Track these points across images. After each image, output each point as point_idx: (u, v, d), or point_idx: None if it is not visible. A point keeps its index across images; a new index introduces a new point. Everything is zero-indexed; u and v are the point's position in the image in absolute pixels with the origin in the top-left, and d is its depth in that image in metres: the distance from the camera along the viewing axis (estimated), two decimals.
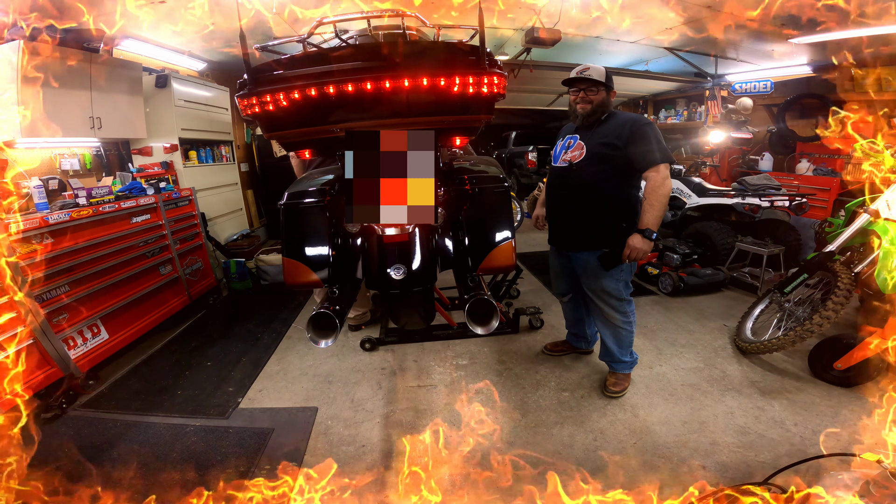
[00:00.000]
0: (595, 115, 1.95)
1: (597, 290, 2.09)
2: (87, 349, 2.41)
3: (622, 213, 1.99)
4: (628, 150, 1.88)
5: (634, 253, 1.89)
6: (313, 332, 1.14)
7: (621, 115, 1.98)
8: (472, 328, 1.15)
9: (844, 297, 2.17)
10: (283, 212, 1.25)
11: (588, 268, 2.07)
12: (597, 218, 2.00)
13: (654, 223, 1.88)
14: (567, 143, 2.06)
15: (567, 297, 2.38)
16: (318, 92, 1.06)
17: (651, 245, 1.90)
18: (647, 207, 1.89)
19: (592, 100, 1.93)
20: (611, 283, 2.05)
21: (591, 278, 2.08)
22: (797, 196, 3.70)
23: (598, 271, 2.03)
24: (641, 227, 1.89)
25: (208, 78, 4.51)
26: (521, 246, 5.36)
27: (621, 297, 2.07)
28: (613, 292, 2.06)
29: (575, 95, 1.98)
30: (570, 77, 1.96)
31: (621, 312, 2.10)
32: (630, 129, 1.88)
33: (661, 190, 1.86)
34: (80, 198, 2.61)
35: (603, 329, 2.20)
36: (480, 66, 1.10)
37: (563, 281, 2.33)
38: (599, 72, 1.92)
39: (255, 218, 5.40)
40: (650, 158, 1.86)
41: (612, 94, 1.99)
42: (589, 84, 1.93)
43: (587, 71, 1.92)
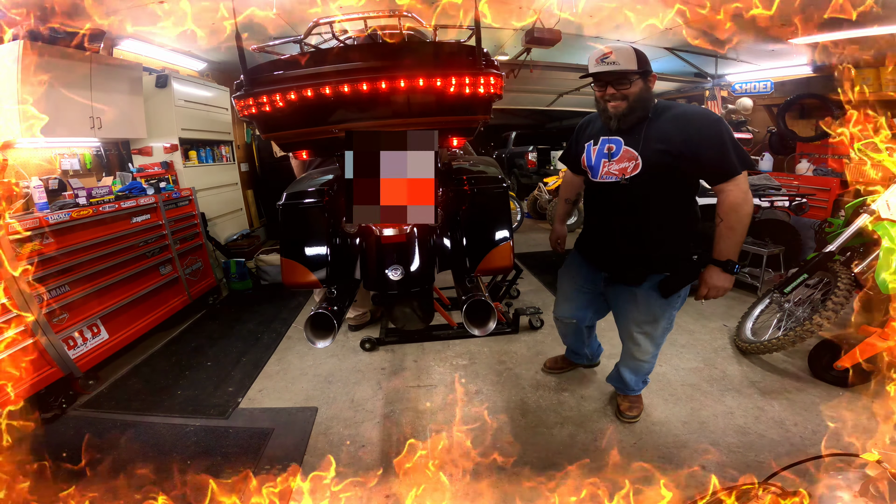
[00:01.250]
0: (635, 112, 1.49)
1: (644, 322, 1.73)
2: (87, 349, 2.41)
3: (690, 234, 1.64)
4: (700, 157, 1.44)
5: (714, 292, 1.53)
6: (311, 332, 1.14)
7: (676, 107, 1.52)
8: (470, 329, 1.15)
9: (844, 297, 2.17)
10: (281, 212, 1.25)
11: (638, 298, 1.69)
12: (660, 242, 1.60)
13: (736, 251, 1.49)
14: (606, 148, 1.59)
15: (572, 321, 2.03)
16: (314, 92, 1.06)
17: (733, 281, 1.52)
18: (725, 232, 1.48)
19: (627, 94, 1.47)
20: (664, 313, 1.70)
21: (641, 310, 1.71)
22: (797, 196, 3.70)
23: (652, 300, 1.66)
24: (720, 257, 1.50)
25: (208, 78, 4.52)
26: (521, 246, 5.36)
27: (668, 326, 1.76)
28: (663, 323, 1.72)
29: (601, 91, 1.51)
30: (594, 71, 1.48)
31: (658, 346, 1.81)
32: (697, 129, 1.43)
33: (744, 208, 1.44)
34: (80, 198, 2.61)
35: (626, 360, 1.93)
36: (477, 67, 1.10)
37: (576, 304, 1.96)
38: (627, 56, 1.43)
39: (255, 218, 5.41)
40: (728, 167, 1.42)
41: (652, 80, 1.50)
42: (619, 76, 1.45)
43: (609, 58, 1.43)
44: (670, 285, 1.62)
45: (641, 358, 1.85)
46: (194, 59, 4.19)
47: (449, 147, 1.28)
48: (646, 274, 1.64)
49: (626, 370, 1.96)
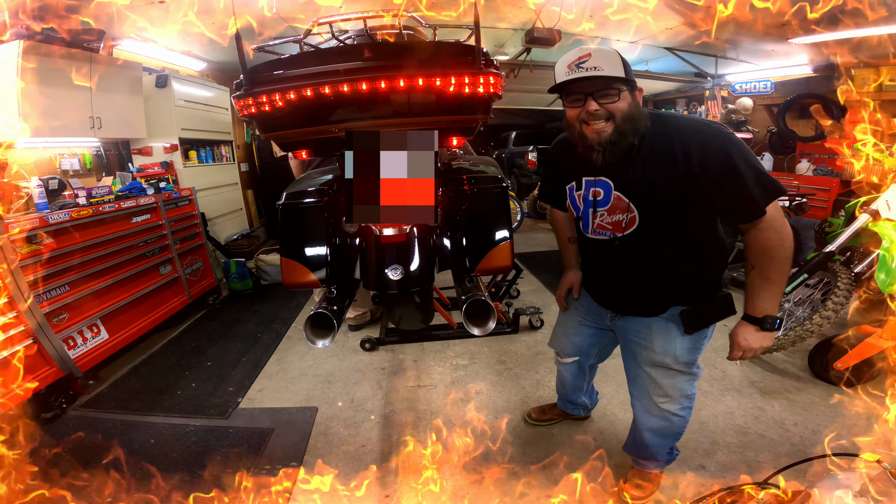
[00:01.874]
0: (625, 137, 1.13)
1: (661, 362, 1.35)
2: (87, 349, 2.41)
3: (718, 265, 1.34)
4: (711, 195, 1.14)
5: (749, 354, 1.24)
6: (311, 332, 1.14)
7: (669, 124, 1.17)
8: (469, 329, 1.14)
9: (844, 297, 2.17)
10: (281, 212, 1.25)
11: (652, 332, 1.34)
12: (675, 283, 1.30)
13: (775, 305, 1.17)
14: (591, 194, 1.27)
15: (573, 360, 1.71)
16: (313, 92, 1.06)
17: (772, 339, 1.22)
18: (758, 283, 1.17)
19: (613, 112, 1.11)
20: (685, 351, 1.33)
21: (656, 347, 1.34)
22: (797, 196, 3.70)
23: (671, 335, 1.32)
24: (755, 314, 1.19)
25: (208, 78, 4.52)
26: (521, 246, 5.36)
27: (693, 371, 1.38)
28: (685, 366, 1.35)
29: (577, 109, 1.15)
30: (567, 79, 1.12)
31: (685, 395, 1.40)
32: (701, 156, 1.10)
33: (780, 251, 1.13)
34: (80, 198, 2.61)
35: (644, 416, 1.48)
36: (476, 66, 1.10)
37: (579, 340, 1.62)
38: (612, 59, 1.10)
39: (255, 218, 5.41)
40: (750, 205, 1.10)
41: (639, 93, 1.17)
42: (603, 86, 1.10)
43: (587, 61, 1.09)
44: (696, 319, 1.28)
45: (667, 409, 1.40)
46: (194, 59, 4.19)
47: (449, 147, 1.28)
48: (665, 305, 1.31)
49: (649, 433, 1.48)
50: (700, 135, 1.13)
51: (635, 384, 1.48)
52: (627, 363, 1.49)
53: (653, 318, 1.34)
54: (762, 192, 1.10)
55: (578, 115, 1.15)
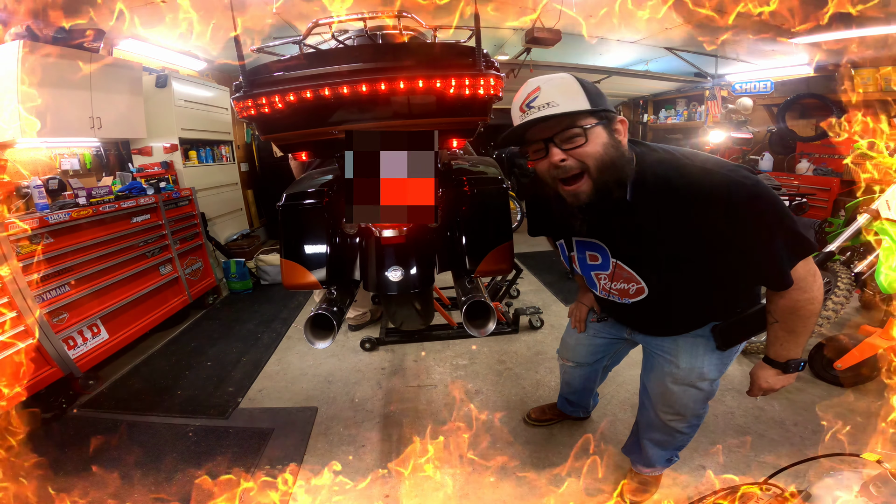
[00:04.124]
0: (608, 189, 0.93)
1: (684, 379, 1.25)
2: (87, 349, 2.41)
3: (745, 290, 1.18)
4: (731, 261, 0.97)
5: (770, 392, 1.16)
6: (311, 333, 1.14)
7: (669, 167, 0.97)
8: (469, 330, 1.14)
9: (844, 297, 2.17)
10: (281, 213, 1.25)
11: (678, 347, 1.24)
12: (702, 313, 1.19)
13: (799, 350, 1.09)
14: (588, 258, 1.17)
15: (582, 367, 1.65)
16: (313, 94, 1.06)
17: (794, 378, 1.14)
18: (783, 336, 1.07)
19: (585, 160, 0.90)
20: (713, 368, 1.23)
21: (681, 363, 1.24)
22: (797, 196, 3.69)
23: (699, 350, 1.22)
24: (779, 359, 1.10)
25: (208, 78, 4.52)
26: (521, 246, 5.35)
27: (711, 389, 1.28)
28: (707, 385, 1.25)
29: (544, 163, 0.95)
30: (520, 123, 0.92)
31: (696, 415, 1.34)
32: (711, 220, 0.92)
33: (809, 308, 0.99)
34: (80, 198, 2.61)
35: (648, 428, 1.45)
36: (476, 68, 1.09)
37: (589, 350, 1.56)
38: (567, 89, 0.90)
39: (255, 218, 5.41)
40: (776, 272, 0.95)
41: (619, 125, 0.94)
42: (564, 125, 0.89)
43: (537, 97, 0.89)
44: (731, 335, 1.17)
45: (675, 427, 1.35)
46: (194, 59, 4.19)
47: (449, 148, 1.28)
48: (693, 328, 1.21)
49: (650, 443, 1.47)
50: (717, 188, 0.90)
51: (648, 395, 1.40)
52: (645, 373, 1.40)
53: (678, 338, 1.24)
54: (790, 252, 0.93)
55: (548, 171, 0.94)
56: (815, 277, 0.98)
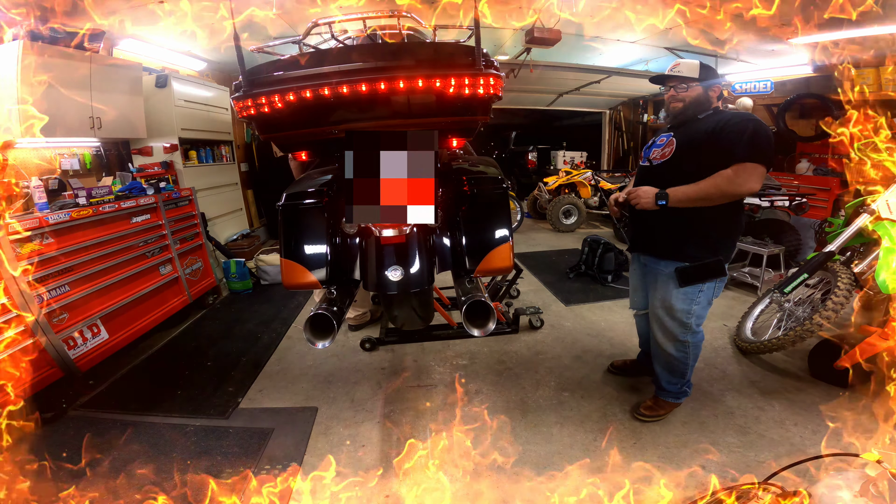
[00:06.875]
0: (687, 112, 1.74)
1: (661, 303, 1.85)
2: (87, 349, 2.41)
3: (712, 223, 1.71)
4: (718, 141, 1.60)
5: (633, 195, 1.74)
6: (311, 333, 1.14)
7: (726, 112, 1.71)
8: (469, 330, 1.14)
9: (844, 297, 2.17)
10: (281, 213, 1.25)
11: (660, 277, 1.83)
12: (680, 225, 1.73)
13: (680, 198, 1.64)
14: (659, 140, 1.84)
15: (643, 312, 2.13)
16: (313, 94, 1.06)
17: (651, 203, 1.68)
18: (689, 185, 1.63)
19: (684, 97, 1.73)
20: (680, 302, 1.79)
21: (661, 289, 1.83)
22: (797, 196, 3.70)
23: (671, 283, 1.78)
24: (665, 189, 1.67)
25: (208, 78, 4.52)
26: (521, 246, 5.36)
27: (685, 321, 1.81)
28: (679, 314, 1.81)
29: (666, 94, 1.80)
30: (660, 75, 1.80)
31: (677, 341, 1.86)
32: (725, 123, 1.61)
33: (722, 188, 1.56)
34: (80, 198, 2.61)
35: (655, 350, 1.99)
36: (476, 68, 1.09)
37: (640, 294, 2.09)
38: (691, 67, 1.73)
39: (255, 218, 5.41)
40: (735, 150, 1.55)
41: (714, 91, 1.72)
42: (678, 81, 1.74)
43: (677, 68, 1.75)
44: (687, 274, 1.73)
45: (667, 350, 1.88)
46: (194, 59, 4.19)
47: (449, 147, 1.28)
48: (669, 251, 1.77)
49: (658, 365, 1.99)
50: (737, 116, 1.62)
51: (651, 320, 1.95)
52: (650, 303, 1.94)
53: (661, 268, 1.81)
54: (748, 150, 1.53)
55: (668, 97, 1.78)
56: (750, 182, 1.55)
